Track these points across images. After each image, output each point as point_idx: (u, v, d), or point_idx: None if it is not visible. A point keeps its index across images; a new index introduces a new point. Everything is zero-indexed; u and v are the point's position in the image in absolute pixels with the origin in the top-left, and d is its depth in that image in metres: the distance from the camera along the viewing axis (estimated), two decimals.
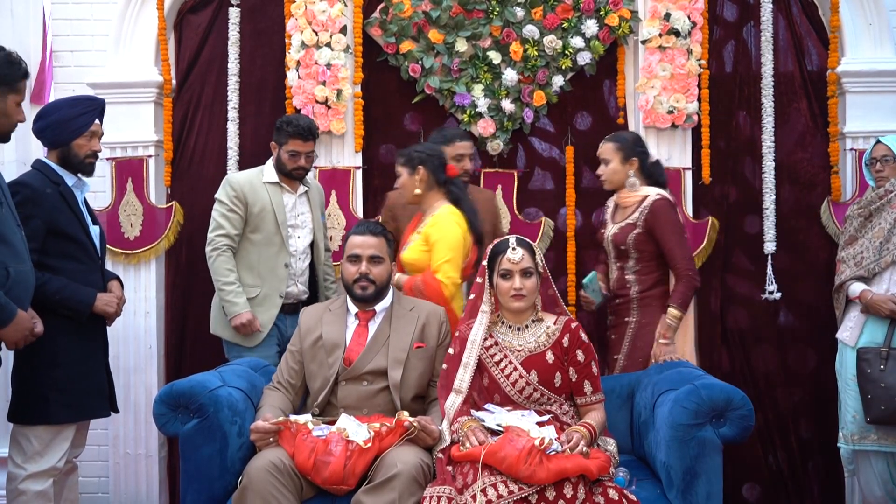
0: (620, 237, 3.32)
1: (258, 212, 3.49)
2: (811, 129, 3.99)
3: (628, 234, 3.30)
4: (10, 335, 2.66)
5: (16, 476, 2.96)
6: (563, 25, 3.89)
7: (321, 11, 3.83)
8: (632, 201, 3.34)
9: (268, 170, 3.56)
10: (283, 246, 3.51)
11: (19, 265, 2.69)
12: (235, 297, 3.44)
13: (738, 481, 3.94)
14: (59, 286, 2.92)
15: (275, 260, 3.51)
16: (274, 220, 3.50)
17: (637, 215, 3.29)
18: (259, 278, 3.50)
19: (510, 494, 2.39)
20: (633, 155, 3.34)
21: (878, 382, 3.27)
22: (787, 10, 3.98)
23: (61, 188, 3.05)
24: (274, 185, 3.54)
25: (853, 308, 3.46)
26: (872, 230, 3.44)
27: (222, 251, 3.47)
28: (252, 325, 3.43)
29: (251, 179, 3.54)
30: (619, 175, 3.35)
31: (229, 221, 3.48)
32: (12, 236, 2.68)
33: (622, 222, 3.34)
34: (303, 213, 3.60)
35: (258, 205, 3.49)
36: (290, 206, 3.55)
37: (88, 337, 3.10)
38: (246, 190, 3.50)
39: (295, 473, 2.58)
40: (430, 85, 3.91)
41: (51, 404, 2.96)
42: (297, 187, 3.59)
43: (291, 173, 3.52)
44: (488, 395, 2.83)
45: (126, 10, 3.98)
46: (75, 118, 3.09)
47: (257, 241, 3.51)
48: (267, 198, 3.51)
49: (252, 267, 3.51)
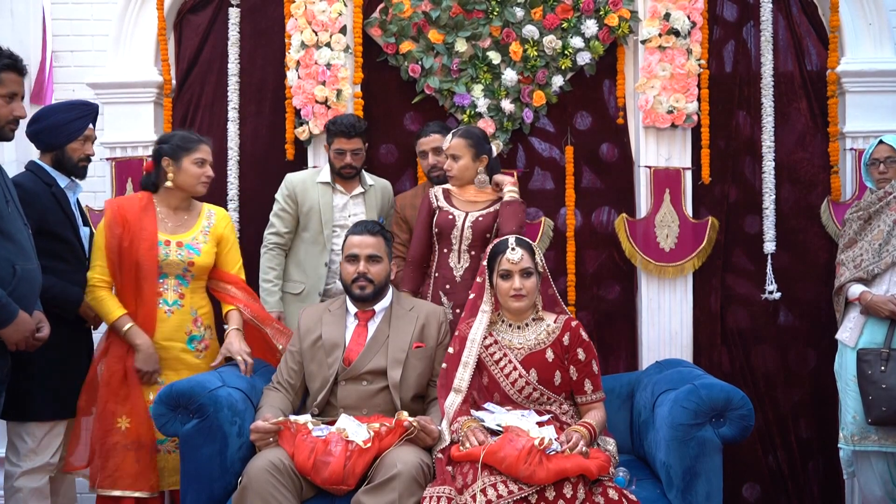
0: (486, 224, 3.29)
1: (307, 211, 3.58)
2: (811, 128, 3.98)
3: (492, 222, 3.30)
4: (11, 336, 2.65)
5: (12, 474, 3.01)
6: (562, 25, 3.88)
7: (321, 11, 3.83)
8: (486, 198, 3.35)
9: (324, 170, 3.64)
10: (326, 245, 3.57)
11: (26, 263, 2.69)
12: (268, 296, 3.54)
13: (738, 481, 3.93)
14: (46, 284, 2.92)
15: (318, 258, 3.58)
16: (319, 219, 3.57)
17: (496, 207, 3.31)
18: (304, 275, 3.60)
19: (510, 494, 2.39)
20: (483, 152, 3.36)
21: (878, 384, 3.27)
22: (786, 10, 3.98)
23: (53, 189, 3.08)
24: (326, 185, 3.60)
25: (853, 309, 3.45)
26: (872, 232, 3.44)
27: (269, 248, 3.60)
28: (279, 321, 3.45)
29: (305, 179, 3.63)
30: (471, 172, 3.35)
31: (280, 220, 3.59)
32: (19, 234, 2.69)
33: (482, 210, 3.32)
34: (355, 215, 3.59)
35: (307, 204, 3.58)
36: (339, 207, 3.60)
37: (75, 336, 3.14)
38: (298, 189, 3.59)
39: (295, 473, 2.58)
40: (429, 85, 3.91)
41: (37, 401, 2.99)
42: (352, 188, 3.63)
43: (340, 172, 3.57)
44: (488, 395, 2.83)
45: (126, 10, 3.98)
46: (70, 122, 3.12)
47: (306, 239, 3.61)
48: (316, 197, 3.58)
49: (299, 263, 3.62)
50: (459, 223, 3.31)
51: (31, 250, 2.76)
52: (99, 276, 3.09)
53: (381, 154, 4.03)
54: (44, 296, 2.89)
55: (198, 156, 3.17)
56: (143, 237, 3.08)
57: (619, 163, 3.97)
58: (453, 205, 3.37)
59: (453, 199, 3.39)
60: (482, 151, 3.34)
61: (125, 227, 3.08)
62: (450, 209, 3.36)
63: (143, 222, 3.10)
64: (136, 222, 3.10)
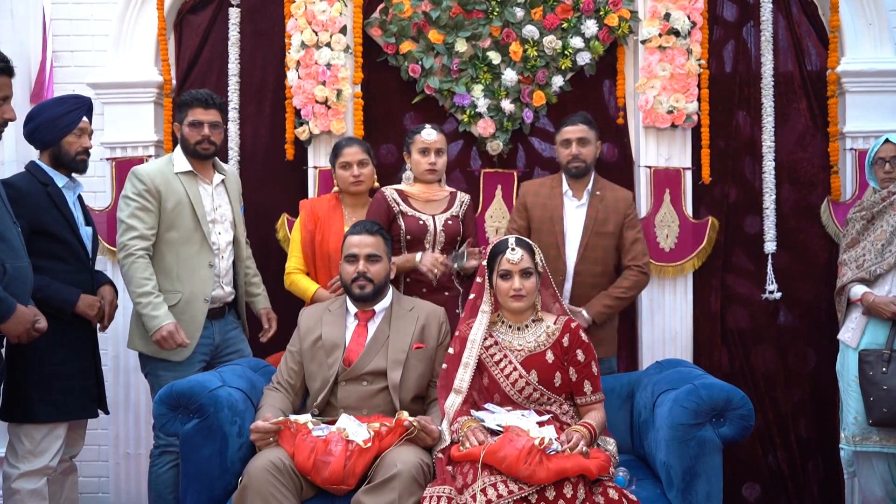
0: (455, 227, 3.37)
1: (173, 206, 3.15)
2: (811, 128, 3.99)
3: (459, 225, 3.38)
4: (12, 329, 2.67)
5: (10, 475, 3.00)
6: (562, 26, 3.89)
7: (321, 11, 3.83)
8: (442, 195, 3.41)
9: (178, 158, 3.24)
10: (205, 243, 3.20)
11: (16, 261, 2.70)
12: (154, 310, 3.05)
13: (738, 481, 3.94)
14: (39, 285, 2.92)
15: (197, 259, 3.18)
16: (192, 214, 3.17)
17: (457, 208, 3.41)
18: (178, 282, 3.16)
19: (510, 494, 2.39)
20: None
21: (879, 385, 3.26)
22: (786, 10, 3.98)
23: (49, 189, 3.07)
24: (187, 175, 3.21)
25: (854, 309, 3.44)
26: (874, 233, 3.43)
27: (135, 256, 3.08)
28: (174, 337, 3.06)
29: (162, 170, 3.19)
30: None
31: (140, 220, 3.11)
32: (8, 233, 2.70)
33: (446, 213, 3.37)
34: (221, 206, 3.31)
35: (172, 198, 3.15)
36: (207, 200, 3.25)
37: (75, 337, 3.11)
38: (158, 182, 3.14)
39: (295, 473, 2.58)
40: (429, 85, 3.91)
41: (34, 403, 2.98)
42: (211, 176, 3.30)
43: (196, 149, 3.20)
44: (488, 395, 2.83)
45: (126, 10, 3.98)
46: (62, 116, 3.11)
47: (174, 240, 3.16)
48: (182, 190, 3.17)
49: (169, 270, 3.16)
50: (432, 227, 3.33)
51: (22, 248, 2.76)
52: (295, 265, 3.46)
53: (382, 154, 4.02)
54: (36, 296, 2.89)
55: (342, 160, 3.43)
56: (332, 232, 3.40)
57: (619, 163, 3.97)
58: (415, 208, 3.36)
59: (412, 202, 3.38)
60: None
61: (317, 224, 3.44)
62: (417, 214, 3.35)
63: (332, 220, 3.44)
64: (326, 220, 3.44)
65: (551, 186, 3.50)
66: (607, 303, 3.38)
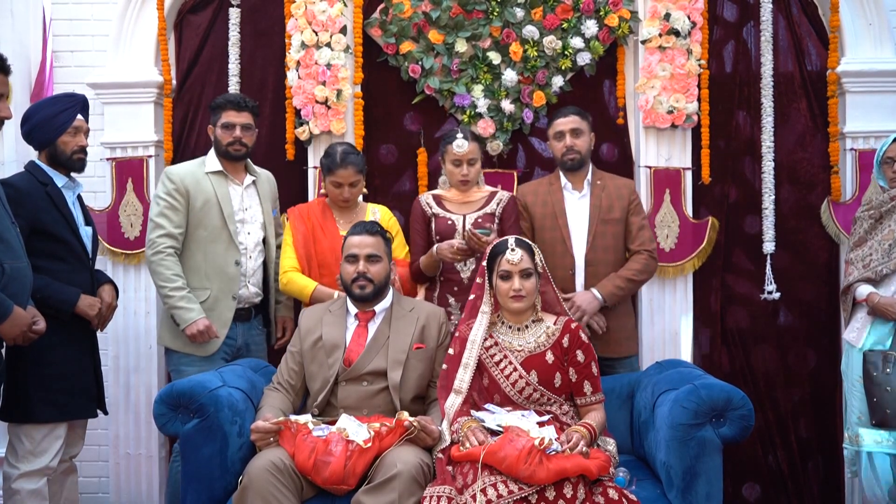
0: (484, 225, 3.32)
1: (201, 205, 3.25)
2: (811, 129, 3.99)
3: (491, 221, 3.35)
4: (8, 331, 2.67)
5: (10, 475, 3.00)
6: (562, 26, 3.89)
7: (321, 11, 3.83)
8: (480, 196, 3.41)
9: (210, 159, 3.36)
10: (232, 242, 3.29)
11: (15, 262, 2.70)
12: (188, 303, 3.18)
13: (738, 481, 3.94)
14: (39, 285, 2.92)
15: (224, 257, 3.27)
16: (220, 213, 3.27)
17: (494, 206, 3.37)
18: (207, 280, 3.25)
19: (510, 494, 2.39)
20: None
21: (883, 386, 3.25)
22: (787, 10, 3.98)
23: (48, 189, 3.07)
24: (217, 175, 3.32)
25: (860, 309, 3.42)
26: (882, 232, 3.41)
27: (164, 255, 3.20)
28: (210, 332, 3.20)
29: (193, 170, 3.31)
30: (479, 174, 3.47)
31: (168, 219, 3.22)
32: (6, 233, 2.70)
33: (479, 211, 3.36)
34: (251, 207, 3.39)
35: (201, 198, 3.25)
36: (236, 200, 3.34)
37: (75, 338, 3.11)
38: (187, 182, 3.26)
39: (295, 473, 2.58)
40: (429, 85, 3.91)
41: (34, 403, 2.98)
42: (242, 177, 3.39)
43: (228, 150, 3.30)
44: (488, 396, 2.83)
45: (126, 10, 3.98)
46: (57, 115, 3.11)
47: (202, 237, 3.26)
48: (210, 189, 3.27)
49: (198, 268, 3.26)
50: (460, 226, 3.33)
51: (21, 249, 2.76)
52: (290, 264, 3.32)
53: (382, 154, 4.03)
54: (35, 296, 2.89)
55: (333, 179, 3.34)
56: (326, 236, 3.34)
57: (619, 163, 3.97)
58: (447, 209, 3.39)
59: (445, 204, 3.41)
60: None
61: (308, 225, 3.36)
62: (446, 214, 3.38)
63: (325, 225, 3.37)
64: (318, 224, 3.37)
65: (549, 184, 3.50)
66: (619, 284, 3.33)
